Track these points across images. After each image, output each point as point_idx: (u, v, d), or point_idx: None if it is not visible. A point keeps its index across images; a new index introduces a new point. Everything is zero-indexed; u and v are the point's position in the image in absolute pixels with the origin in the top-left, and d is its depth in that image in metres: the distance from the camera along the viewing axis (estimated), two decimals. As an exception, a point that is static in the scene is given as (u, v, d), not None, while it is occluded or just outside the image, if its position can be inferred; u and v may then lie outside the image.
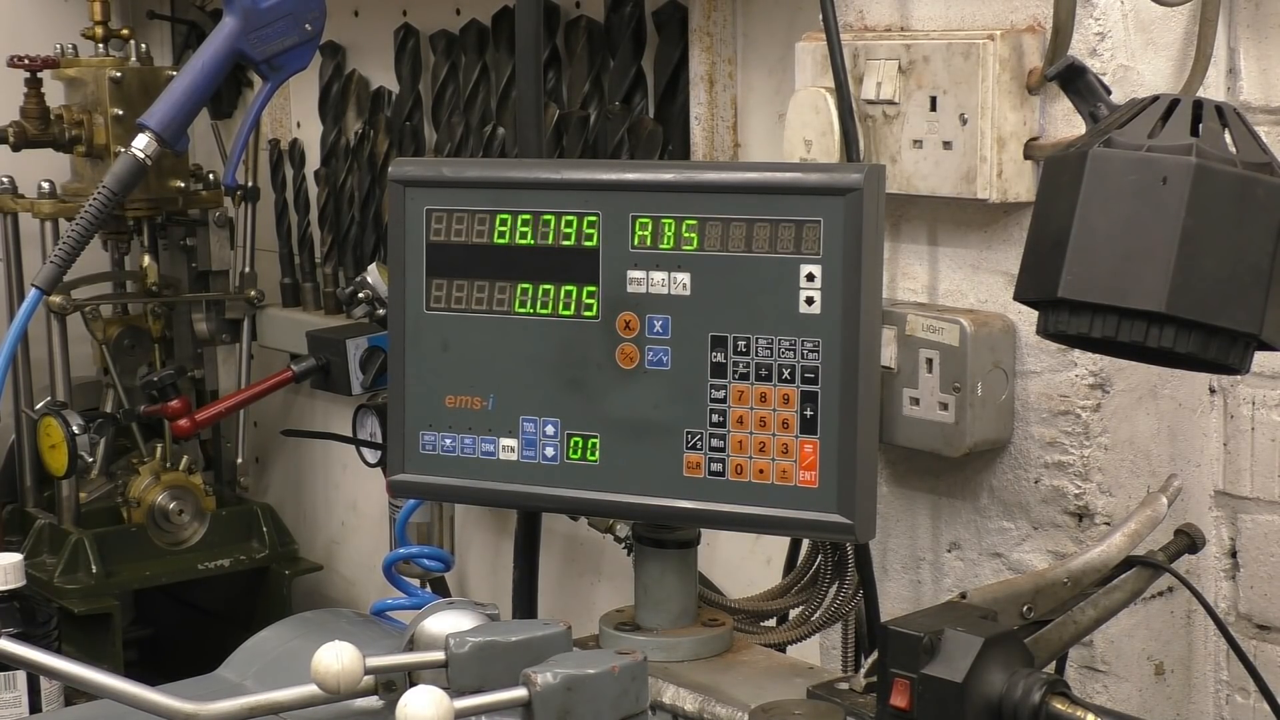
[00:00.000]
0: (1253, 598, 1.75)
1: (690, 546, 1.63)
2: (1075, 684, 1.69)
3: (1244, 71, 1.70)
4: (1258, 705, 1.74)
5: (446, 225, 1.58)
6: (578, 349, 1.54)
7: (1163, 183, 1.27)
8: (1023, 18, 1.68)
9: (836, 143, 1.75)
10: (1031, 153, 1.68)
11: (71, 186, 3.02)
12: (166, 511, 2.98)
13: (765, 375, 1.48)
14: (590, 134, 2.48)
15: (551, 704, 1.18)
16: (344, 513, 3.26)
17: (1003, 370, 1.71)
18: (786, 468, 1.48)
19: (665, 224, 1.51)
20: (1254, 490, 1.74)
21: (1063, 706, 1.26)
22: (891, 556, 1.88)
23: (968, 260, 1.76)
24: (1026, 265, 1.37)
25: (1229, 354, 1.29)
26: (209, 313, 3.20)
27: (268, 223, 3.22)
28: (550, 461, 1.56)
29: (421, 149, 2.87)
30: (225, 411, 3.06)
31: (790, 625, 1.83)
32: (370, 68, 3.03)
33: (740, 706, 1.48)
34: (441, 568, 2.12)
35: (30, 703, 2.08)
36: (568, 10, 2.56)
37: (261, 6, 2.12)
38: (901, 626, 1.29)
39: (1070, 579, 1.44)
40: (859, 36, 1.80)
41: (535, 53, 1.79)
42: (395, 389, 1.62)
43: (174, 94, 2.11)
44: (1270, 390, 1.71)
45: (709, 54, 2.30)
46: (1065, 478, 1.70)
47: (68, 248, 2.03)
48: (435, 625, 1.32)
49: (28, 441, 3.04)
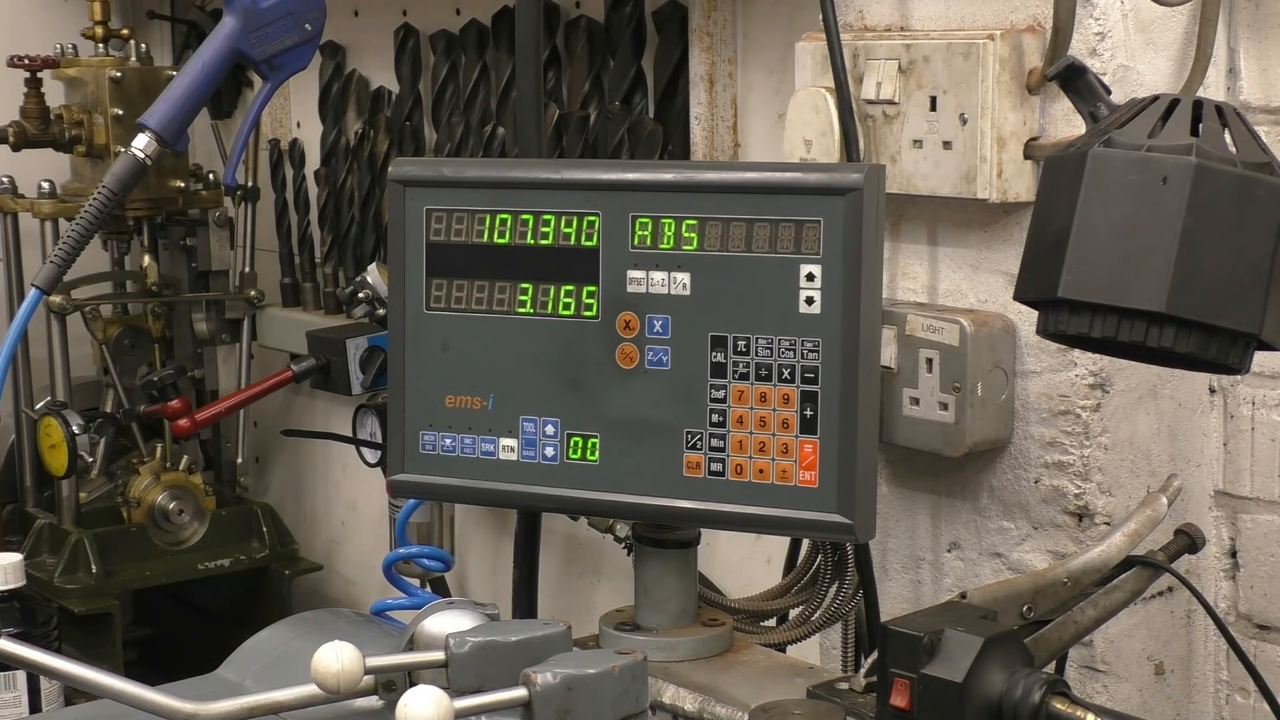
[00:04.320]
0: (1253, 598, 1.75)
1: (690, 546, 1.63)
2: (1075, 684, 1.69)
3: (1244, 71, 1.70)
4: (1258, 705, 1.74)
5: (446, 225, 1.58)
6: (578, 349, 1.54)
7: (1163, 183, 1.27)
8: (1023, 18, 1.68)
9: (836, 143, 1.75)
10: (1031, 153, 1.68)
11: (71, 186, 3.02)
12: (166, 511, 2.98)
13: (765, 375, 1.48)
14: (590, 134, 2.48)
15: (551, 704, 1.18)
16: (344, 513, 3.26)
17: (1003, 370, 1.71)
18: (786, 468, 1.48)
19: (665, 224, 1.51)
20: (1254, 490, 1.74)
21: (1063, 706, 1.26)
22: (891, 556, 1.88)
23: (968, 260, 1.76)
24: (1026, 265, 1.37)
25: (1229, 354, 1.29)
26: (209, 313, 3.19)
27: (268, 223, 3.22)
28: (550, 461, 1.56)
29: (421, 149, 2.87)
30: (225, 411, 3.06)
31: (790, 625, 1.83)
32: (370, 68, 3.03)
33: (740, 706, 1.48)
34: (441, 568, 2.12)
35: (30, 703, 2.09)
36: (568, 10, 2.56)
37: (261, 6, 2.12)
38: (901, 626, 1.29)
39: (1070, 579, 1.44)
40: (859, 36, 1.80)
41: (535, 53, 1.79)
42: (395, 389, 1.62)
43: (174, 94, 2.11)
44: (1270, 390, 1.71)
45: (709, 54, 2.30)
46: (1065, 478, 1.70)
47: (68, 248, 2.03)
48: (435, 625, 1.32)
49: (28, 441, 3.04)
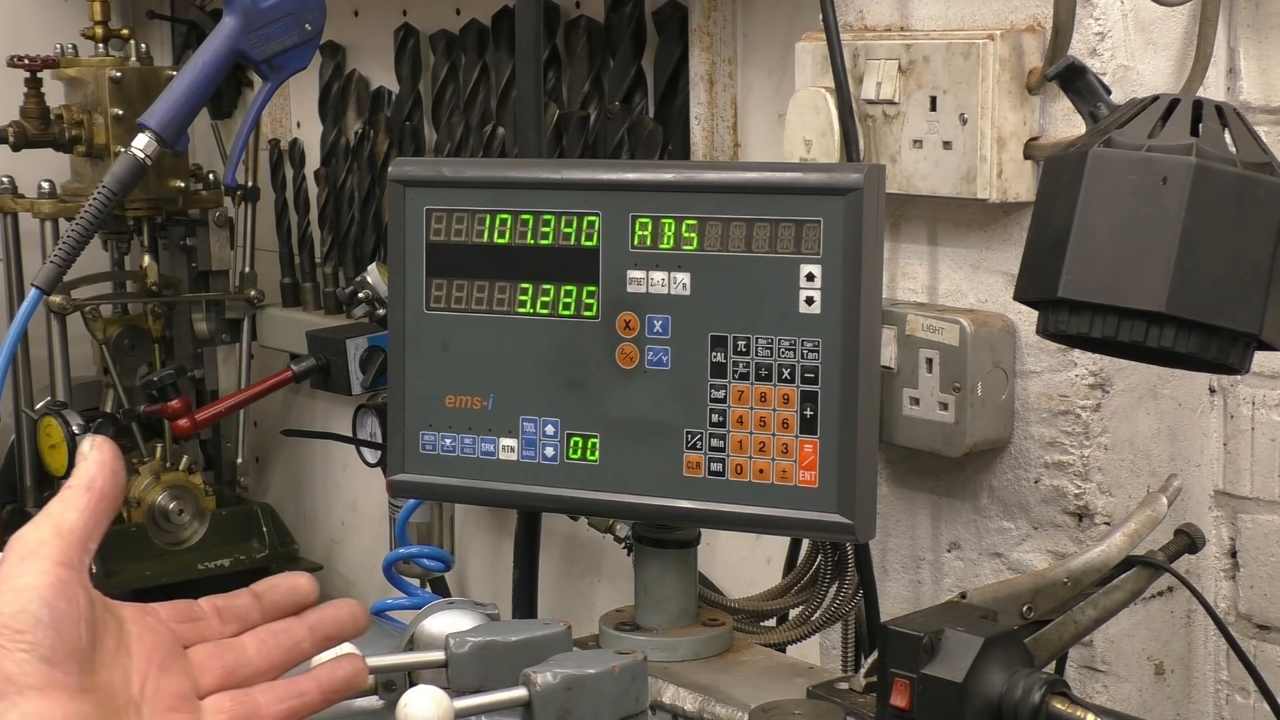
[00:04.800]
0: (1253, 598, 1.75)
1: (690, 546, 1.63)
2: (1075, 684, 1.69)
3: (1244, 71, 1.70)
4: (1258, 705, 1.74)
5: (446, 225, 1.58)
6: (578, 349, 1.54)
7: (1163, 183, 1.27)
8: (1023, 18, 1.68)
9: (836, 143, 1.75)
10: (1031, 153, 1.68)
11: (71, 186, 3.03)
12: (166, 511, 2.98)
13: (765, 375, 1.48)
14: (590, 134, 2.48)
15: (551, 704, 1.18)
16: (344, 513, 3.27)
17: (1003, 370, 1.71)
18: (786, 468, 1.48)
19: (665, 224, 1.51)
20: (1254, 490, 1.74)
21: (1063, 706, 1.26)
22: (891, 556, 1.88)
23: (968, 260, 1.76)
24: (1026, 265, 1.37)
25: (1229, 354, 1.29)
26: (209, 313, 3.20)
27: (268, 223, 3.22)
28: (550, 461, 1.56)
29: (421, 149, 2.87)
30: (225, 411, 3.07)
31: (790, 625, 1.83)
32: (370, 68, 3.04)
33: (740, 706, 1.48)
34: (441, 568, 2.12)
35: (30, 703, 2.08)
36: (568, 10, 2.56)
37: (261, 6, 2.12)
38: (901, 626, 1.29)
39: (1070, 579, 1.44)
40: (859, 36, 1.80)
41: (535, 53, 1.79)
42: (395, 389, 1.62)
43: (174, 94, 2.11)
44: (1270, 390, 1.71)
45: (709, 54, 2.30)
46: (1065, 478, 1.70)
47: (68, 248, 2.03)
48: (435, 625, 1.32)
49: (28, 441, 3.04)
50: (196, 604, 1.03)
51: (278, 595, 1.05)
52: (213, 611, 1.03)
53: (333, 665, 1.05)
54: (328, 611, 1.06)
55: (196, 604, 1.03)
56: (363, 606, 1.08)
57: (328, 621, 1.06)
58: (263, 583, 1.06)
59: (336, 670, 1.05)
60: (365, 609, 1.08)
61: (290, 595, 1.06)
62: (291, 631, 1.04)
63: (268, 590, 1.05)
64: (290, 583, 1.06)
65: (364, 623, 1.06)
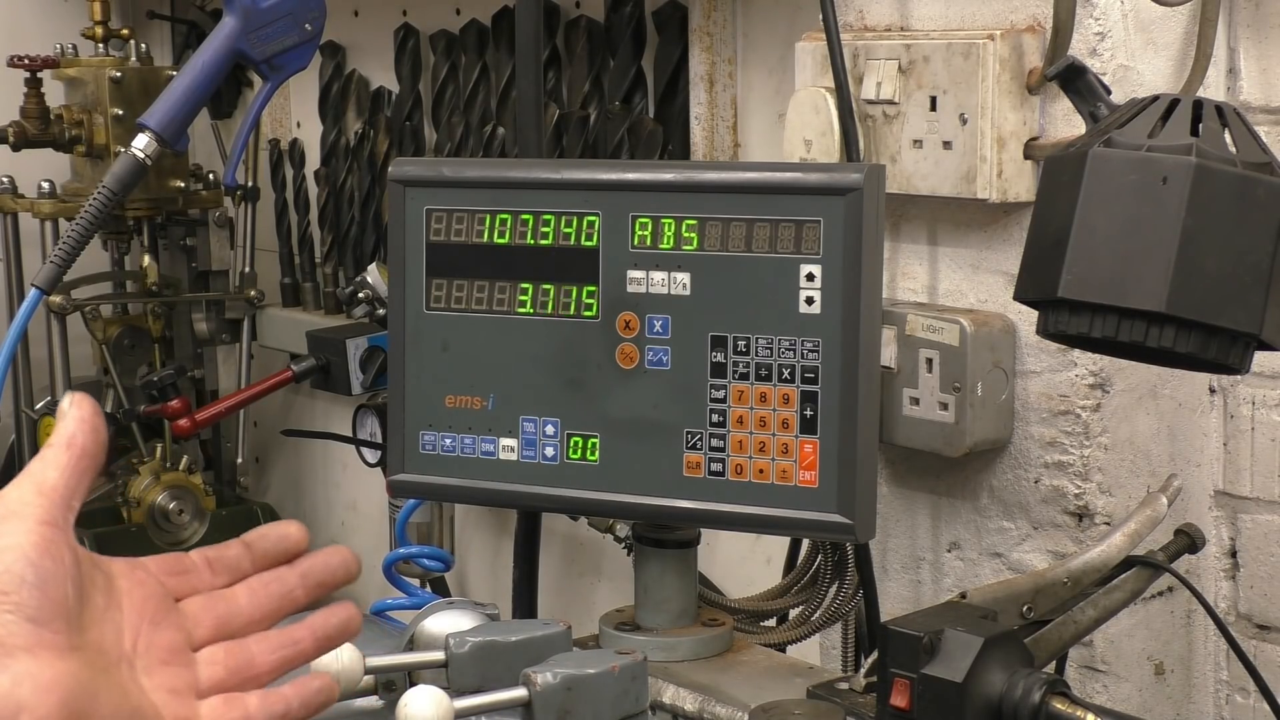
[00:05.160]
0: (1253, 598, 1.75)
1: (690, 546, 1.63)
2: (1075, 684, 1.69)
3: (1244, 71, 1.70)
4: (1258, 705, 1.74)
5: (446, 225, 1.58)
6: (578, 349, 1.54)
7: (1163, 182, 1.27)
8: (1023, 18, 1.68)
9: (836, 143, 1.75)
10: (1031, 153, 1.68)
11: (71, 186, 3.02)
12: (166, 511, 2.98)
13: (765, 375, 1.48)
14: (590, 134, 2.48)
15: (551, 704, 1.18)
16: (344, 513, 3.26)
17: (1003, 370, 1.71)
18: (786, 467, 1.48)
19: (665, 224, 1.51)
20: (1254, 490, 1.74)
21: (1063, 706, 1.26)
22: (891, 556, 1.88)
23: (968, 260, 1.76)
24: (1026, 265, 1.37)
25: (1229, 354, 1.29)
26: (209, 313, 3.20)
27: (268, 223, 3.22)
28: (550, 461, 1.56)
29: (421, 149, 2.87)
30: (225, 411, 3.07)
31: (790, 625, 1.83)
32: (370, 68, 3.03)
33: (740, 706, 1.48)
34: (441, 568, 2.13)
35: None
36: (568, 10, 2.56)
37: (261, 6, 2.12)
38: (901, 626, 1.29)
39: (1070, 579, 1.44)
40: (859, 36, 1.80)
41: (535, 53, 1.79)
42: (395, 389, 1.62)
43: (174, 94, 2.11)
44: (1270, 390, 1.71)
45: (709, 54, 2.30)
46: (1065, 478, 1.70)
47: (68, 248, 2.03)
48: (435, 625, 1.32)
49: (28, 441, 3.04)
50: (187, 556, 1.01)
51: (268, 544, 1.03)
52: (203, 563, 1.01)
53: (326, 612, 1.03)
54: (319, 558, 1.04)
55: (187, 556, 1.01)
56: (354, 552, 1.07)
57: (319, 568, 1.04)
58: (253, 532, 1.04)
59: (330, 617, 1.03)
60: (357, 555, 1.06)
61: (281, 544, 1.03)
62: (283, 580, 1.03)
63: (258, 540, 1.03)
64: (280, 531, 1.04)
65: (355, 569, 1.05)
